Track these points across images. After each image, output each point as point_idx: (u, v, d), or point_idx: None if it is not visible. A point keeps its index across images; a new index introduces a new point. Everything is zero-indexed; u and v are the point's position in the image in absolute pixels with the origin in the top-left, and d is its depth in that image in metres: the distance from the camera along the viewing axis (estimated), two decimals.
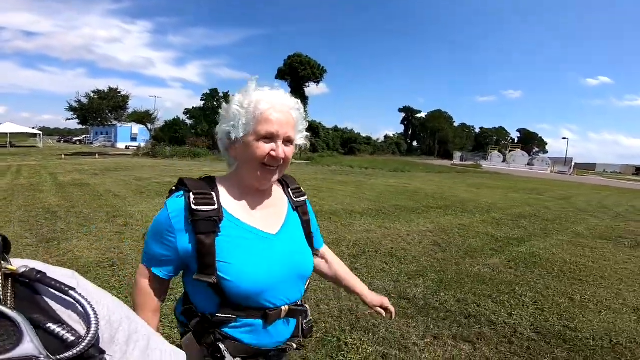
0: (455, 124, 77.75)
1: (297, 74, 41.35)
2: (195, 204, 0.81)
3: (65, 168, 13.01)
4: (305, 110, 0.98)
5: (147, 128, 27.87)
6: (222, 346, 0.83)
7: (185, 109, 33.13)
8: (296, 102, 0.93)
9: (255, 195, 0.92)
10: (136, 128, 38.50)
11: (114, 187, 8.50)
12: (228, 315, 0.83)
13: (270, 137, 0.85)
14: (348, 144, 45.21)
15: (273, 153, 0.84)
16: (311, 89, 46.27)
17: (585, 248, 5.25)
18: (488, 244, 5.06)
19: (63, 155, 20.94)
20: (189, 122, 31.59)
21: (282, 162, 0.87)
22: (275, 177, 0.89)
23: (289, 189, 1.02)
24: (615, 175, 51.51)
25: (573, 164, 46.04)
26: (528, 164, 44.03)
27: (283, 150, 0.85)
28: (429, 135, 71.59)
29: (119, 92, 26.06)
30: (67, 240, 4.22)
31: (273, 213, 0.94)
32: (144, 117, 26.66)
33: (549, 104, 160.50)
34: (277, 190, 0.99)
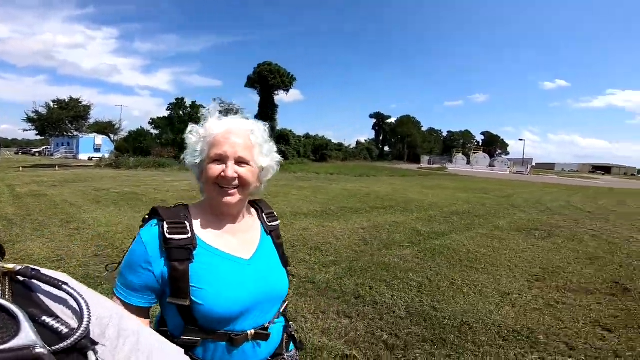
0: (424, 129, 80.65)
1: (267, 83, 41.91)
2: (169, 233, 0.83)
3: (23, 180, 12.86)
4: (275, 118, 1.02)
5: (110, 139, 27.34)
6: None
7: (151, 118, 32.69)
8: (253, 124, 0.96)
9: (227, 221, 0.95)
10: (99, 139, 37.53)
11: (71, 197, 8.65)
12: (192, 338, 0.85)
13: (220, 159, 0.89)
14: (319, 150, 45.91)
15: (223, 174, 0.87)
16: (284, 96, 46.86)
17: (495, 239, 5.95)
18: (409, 237, 5.68)
19: (21, 168, 20.27)
20: (154, 132, 31.23)
21: (237, 182, 0.89)
22: (236, 199, 0.91)
23: (263, 214, 1.06)
24: (571, 174, 55.17)
25: (532, 164, 48.93)
26: (489, 165, 46.50)
27: (233, 170, 0.88)
28: (399, 140, 73.77)
29: (80, 102, 25.46)
30: (22, 242, 4.65)
31: (246, 238, 0.97)
32: (106, 128, 26.18)
33: (512, 107, 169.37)
34: (250, 215, 1.03)
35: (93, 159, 32.81)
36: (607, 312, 3.28)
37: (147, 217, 0.90)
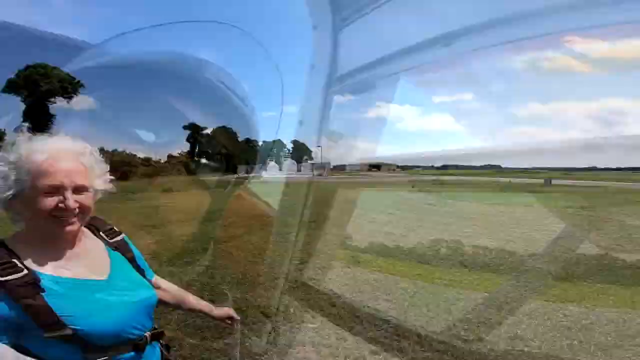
0: (241, 139, 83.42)
1: (38, 88, 33.34)
2: (2, 276, 0.75)
3: None
4: (50, 131, 0.90)
5: None
6: None
7: None
8: (84, 147, 0.90)
9: (65, 248, 0.87)
10: None
11: None
12: (100, 359, 0.81)
13: (54, 191, 0.80)
14: (121, 167, 40.17)
15: (61, 205, 0.80)
16: (66, 104, 37.94)
17: (273, 234, 7.25)
18: (204, 245, 6.24)
19: None
20: None
21: (77, 211, 0.84)
22: (74, 227, 0.85)
23: (101, 232, 1.00)
24: (356, 173, 70.28)
25: (329, 167, 59.03)
26: (297, 170, 53.32)
27: (73, 200, 0.82)
28: (216, 152, 73.49)
29: None
30: None
31: (94, 260, 0.91)
32: None
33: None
34: (88, 236, 0.96)
35: None
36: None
37: None
